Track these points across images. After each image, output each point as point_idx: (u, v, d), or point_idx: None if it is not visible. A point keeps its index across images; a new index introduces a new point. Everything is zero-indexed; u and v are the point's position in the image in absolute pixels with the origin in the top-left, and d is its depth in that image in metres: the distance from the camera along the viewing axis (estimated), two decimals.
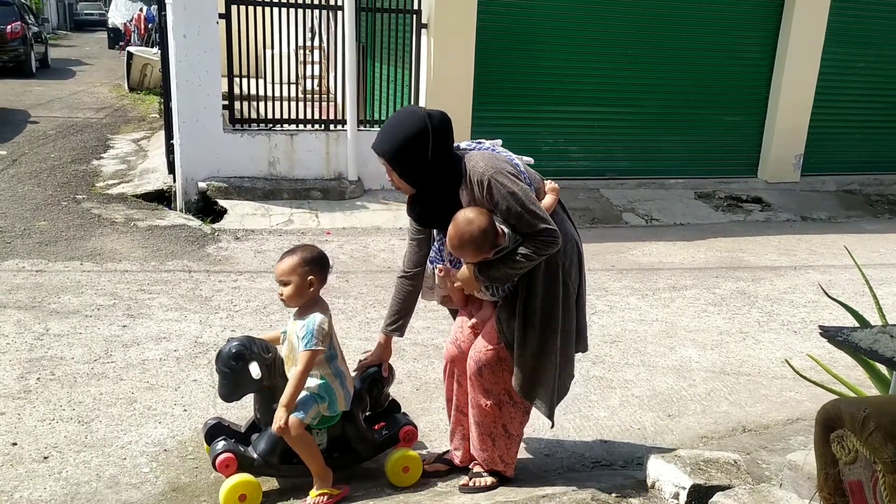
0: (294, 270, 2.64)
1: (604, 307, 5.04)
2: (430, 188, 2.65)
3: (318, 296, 2.73)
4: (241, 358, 2.63)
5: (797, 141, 8.86)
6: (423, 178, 2.62)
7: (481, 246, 2.54)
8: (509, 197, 2.52)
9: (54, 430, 3.18)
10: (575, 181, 8.11)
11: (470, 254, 2.58)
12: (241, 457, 2.72)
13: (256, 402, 2.78)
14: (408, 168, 2.60)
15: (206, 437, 2.83)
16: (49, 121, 10.81)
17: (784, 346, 4.54)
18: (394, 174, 2.63)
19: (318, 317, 2.65)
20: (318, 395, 2.71)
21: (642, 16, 8.03)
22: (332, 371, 2.73)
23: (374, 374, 2.95)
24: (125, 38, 23.07)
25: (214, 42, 6.73)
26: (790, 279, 5.87)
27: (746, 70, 8.62)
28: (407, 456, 2.92)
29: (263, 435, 2.76)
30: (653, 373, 4.10)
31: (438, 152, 2.58)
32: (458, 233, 2.53)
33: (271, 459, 2.74)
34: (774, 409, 3.77)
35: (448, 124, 2.63)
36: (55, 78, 16.57)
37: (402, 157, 2.58)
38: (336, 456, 2.84)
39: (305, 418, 2.67)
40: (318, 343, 2.63)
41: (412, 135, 2.54)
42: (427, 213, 2.73)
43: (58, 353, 3.88)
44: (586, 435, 3.44)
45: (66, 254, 5.40)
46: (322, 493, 2.71)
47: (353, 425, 2.86)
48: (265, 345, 2.72)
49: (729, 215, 7.90)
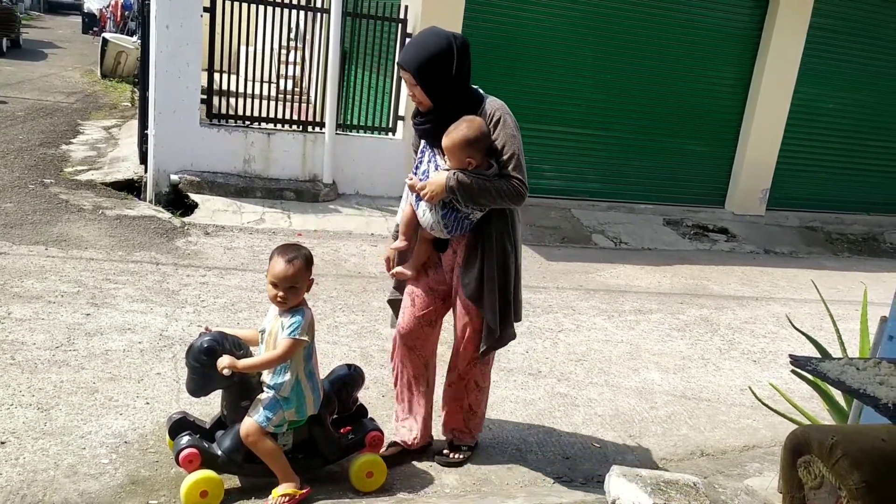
0: (302, 276, 2.64)
1: (571, 325, 5.09)
2: (446, 105, 2.82)
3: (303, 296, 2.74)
4: (211, 353, 2.60)
5: (764, 175, 9.08)
6: (443, 94, 2.80)
7: (476, 150, 2.76)
8: (510, 137, 2.82)
9: (13, 415, 3.11)
10: (547, 199, 8.20)
11: (463, 154, 2.76)
12: (205, 453, 2.68)
13: (224, 398, 2.75)
14: (431, 82, 2.78)
15: (169, 431, 2.79)
16: (18, 102, 10.59)
17: (743, 375, 4.64)
18: (416, 88, 2.80)
19: (307, 311, 2.67)
20: (286, 400, 2.68)
21: (624, 42, 8.18)
22: (305, 371, 2.71)
23: (343, 378, 2.95)
24: (100, 23, 22.76)
25: (197, 35, 6.68)
26: (752, 309, 6.00)
27: (720, 103, 8.83)
28: (372, 461, 2.92)
29: (229, 432, 2.73)
30: (616, 393, 4.15)
31: (460, 71, 2.81)
32: (461, 131, 2.75)
33: (235, 457, 2.71)
34: (732, 436, 3.85)
35: (469, 49, 2.86)
36: (26, 59, 16.22)
37: (428, 71, 2.76)
38: (301, 458, 2.82)
39: (267, 425, 2.64)
40: (303, 334, 2.62)
41: (439, 51, 2.76)
42: (433, 127, 2.87)
43: (19, 337, 3.80)
44: (549, 451, 3.47)
45: (30, 238, 5.29)
46: (285, 494, 2.69)
47: (320, 428, 2.84)
48: (237, 341, 2.69)
49: (695, 243, 8.05)
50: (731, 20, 8.58)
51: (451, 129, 2.76)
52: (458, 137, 2.75)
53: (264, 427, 2.64)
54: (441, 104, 2.82)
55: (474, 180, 2.77)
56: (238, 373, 2.62)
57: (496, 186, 2.78)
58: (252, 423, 2.64)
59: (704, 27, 8.45)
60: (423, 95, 2.81)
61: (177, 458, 2.66)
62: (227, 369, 2.56)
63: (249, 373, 2.66)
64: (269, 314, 2.75)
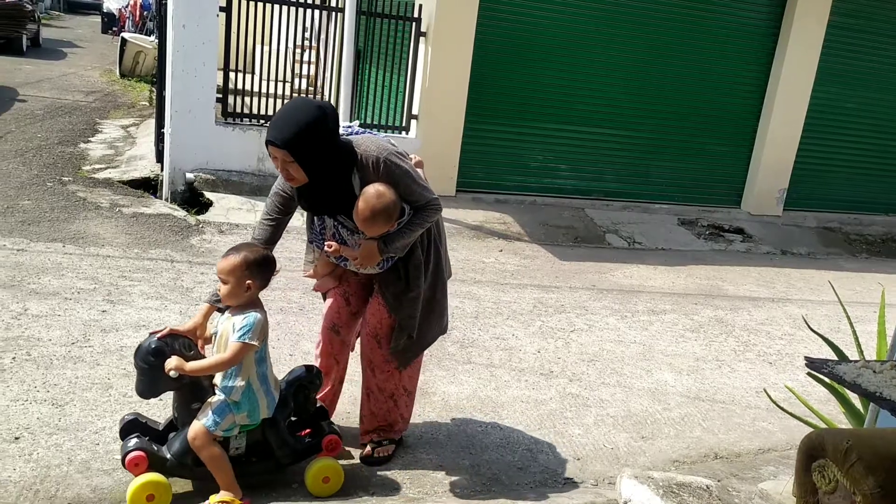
0: (233, 272, 2.56)
1: (583, 325, 5.07)
2: (325, 175, 2.69)
3: (257, 297, 2.66)
4: (160, 354, 2.53)
5: (782, 175, 9.00)
6: (321, 166, 2.65)
7: (391, 217, 2.71)
8: (404, 175, 2.73)
9: (27, 410, 3.14)
10: (561, 199, 8.18)
11: (380, 226, 2.71)
12: (153, 456, 2.60)
13: (175, 400, 2.66)
14: (307, 157, 2.60)
15: (120, 433, 2.70)
16: (37, 100, 10.69)
17: (759, 377, 4.60)
18: (292, 165, 2.61)
19: (260, 314, 2.61)
20: (236, 404, 2.61)
21: (640, 41, 8.13)
22: (258, 375, 2.65)
23: (301, 379, 2.84)
24: (119, 23, 22.94)
25: (213, 34, 6.71)
26: (768, 311, 5.95)
27: (737, 102, 8.75)
28: (328, 466, 2.84)
29: (179, 435, 2.64)
30: (628, 394, 4.13)
31: (334, 139, 2.66)
32: (370, 207, 2.65)
33: (185, 460, 2.62)
34: (747, 438, 3.82)
35: (337, 112, 2.75)
36: (46, 58, 16.38)
37: (302, 146, 2.58)
38: (254, 461, 2.75)
39: (215, 429, 2.58)
40: (253, 338, 2.55)
41: (311, 122, 2.58)
42: (321, 201, 2.79)
43: (35, 333, 3.83)
44: (560, 451, 3.45)
45: (48, 235, 5.34)
46: (223, 501, 2.59)
47: (275, 431, 2.75)
48: (188, 342, 2.63)
49: (711, 244, 7.99)
50: (748, 18, 8.51)
51: (359, 211, 2.66)
52: (369, 217, 2.66)
53: (212, 431, 2.57)
54: (317, 176, 2.67)
55: (401, 235, 2.77)
56: (187, 375, 2.55)
57: (419, 222, 2.79)
58: (200, 426, 2.57)
59: (721, 25, 8.38)
60: (299, 171, 2.63)
61: (123, 461, 2.59)
62: (174, 371, 2.50)
63: (200, 375, 2.60)
64: (217, 316, 2.69)
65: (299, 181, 2.67)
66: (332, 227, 2.84)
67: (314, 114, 2.59)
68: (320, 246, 2.87)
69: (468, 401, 3.79)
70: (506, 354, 4.42)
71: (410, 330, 2.96)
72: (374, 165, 2.69)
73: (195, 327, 2.68)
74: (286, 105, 2.70)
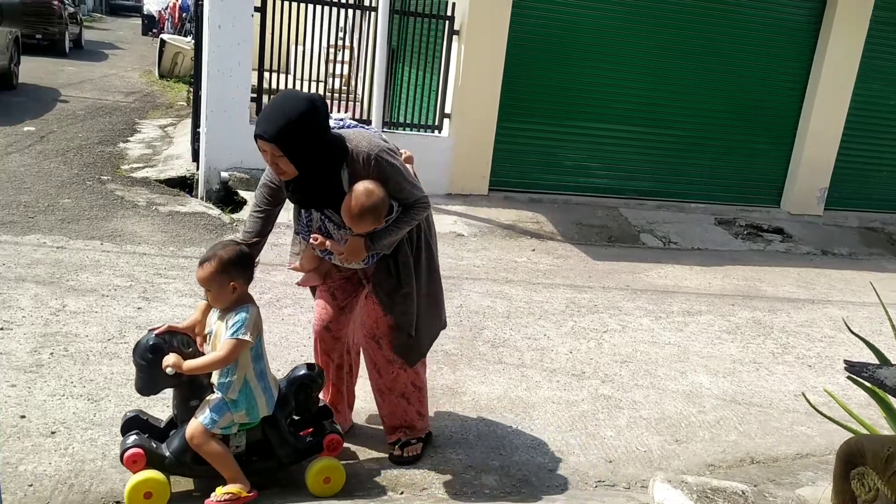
0: (213, 279, 2.54)
1: (616, 326, 5.01)
2: (314, 169, 2.64)
3: (246, 293, 2.64)
4: (158, 351, 2.52)
5: (823, 174, 8.80)
6: (310, 160, 2.60)
7: (380, 215, 2.68)
8: (395, 173, 2.70)
9: (63, 405, 3.20)
10: (594, 198, 8.10)
11: (369, 223, 2.67)
12: (151, 453, 2.59)
13: (174, 397, 2.66)
14: (297, 151, 2.55)
15: (122, 429, 2.69)
16: (79, 101, 10.91)
17: (798, 380, 4.50)
18: (281, 159, 2.56)
19: (251, 309, 2.58)
20: (234, 402, 2.60)
21: (677, 37, 8.01)
22: (255, 372, 2.63)
23: (302, 378, 2.81)
24: (159, 25, 23.34)
25: (248, 34, 6.78)
26: (807, 312, 5.82)
27: (776, 99, 8.58)
28: (329, 466, 2.79)
29: (178, 432, 2.63)
30: (662, 396, 4.06)
31: (324, 132, 2.61)
32: (360, 204, 2.61)
33: (183, 458, 2.60)
34: (784, 443, 3.73)
35: (327, 105, 2.68)
36: (88, 60, 16.73)
37: (292, 139, 2.53)
38: (255, 460, 2.72)
39: (213, 427, 2.56)
40: (246, 334, 2.53)
41: (300, 115, 2.52)
42: (310, 195, 2.74)
43: (72, 329, 3.90)
44: (591, 453, 3.41)
45: (87, 232, 5.44)
46: (229, 492, 2.58)
47: (275, 430, 2.73)
48: (186, 339, 2.61)
49: (748, 244, 7.84)
50: (788, 13, 8.33)
51: (348, 208, 2.63)
52: (358, 214, 2.62)
53: (209, 429, 2.56)
54: (309, 169, 2.62)
55: (388, 233, 2.74)
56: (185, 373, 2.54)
57: (407, 220, 2.76)
58: (197, 424, 2.56)
59: (760, 20, 8.22)
60: (288, 165, 2.58)
61: (121, 457, 2.58)
62: (170, 368, 2.49)
63: (198, 373, 2.57)
64: (214, 314, 2.66)
65: (289, 175, 2.63)
66: (319, 220, 2.81)
67: (304, 107, 2.53)
68: (306, 238, 2.84)
69: (499, 401, 3.77)
70: (537, 354, 4.38)
71: (408, 328, 2.91)
72: (364, 161, 2.65)
73: (194, 324, 2.67)
74: (275, 98, 2.65)
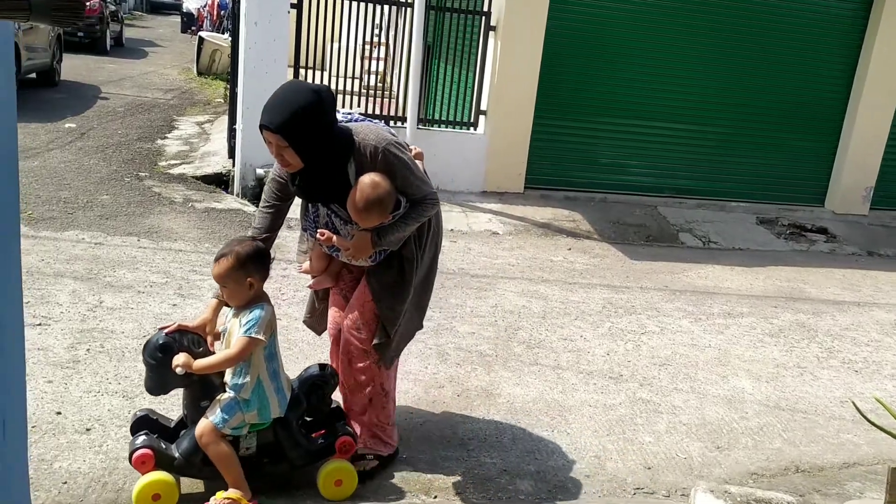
0: (229, 274, 2.49)
1: (655, 328, 4.90)
2: (320, 162, 2.58)
3: (262, 291, 2.60)
4: (167, 350, 2.48)
5: (869, 173, 8.54)
6: (316, 152, 2.54)
7: (386, 209, 2.60)
8: (403, 167, 2.63)
9: (99, 402, 3.21)
10: (632, 196, 7.96)
11: (375, 217, 2.60)
12: (160, 454, 2.54)
13: (185, 397, 2.62)
14: (302, 142, 2.50)
15: (131, 429, 2.65)
16: (119, 98, 11.07)
17: (843, 385, 4.35)
18: (287, 150, 2.51)
19: (266, 307, 2.54)
20: (246, 402, 2.54)
21: (719, 32, 7.84)
22: (268, 373, 2.58)
23: (314, 378, 2.75)
24: (198, 22, 23.61)
25: (284, 31, 6.78)
26: (853, 315, 5.63)
27: (821, 95, 8.34)
28: (341, 468, 2.73)
29: (188, 433, 2.58)
30: (703, 401, 3.95)
31: (330, 124, 2.56)
32: (365, 197, 2.54)
33: (193, 459, 2.55)
34: (830, 451, 3.60)
35: (334, 96, 2.63)
36: (128, 57, 16.99)
37: (297, 130, 2.47)
38: (266, 462, 2.67)
39: (223, 427, 2.51)
40: (259, 332, 2.47)
41: (306, 106, 2.47)
42: (315, 188, 2.68)
43: (109, 325, 3.93)
44: (629, 459, 3.32)
45: (124, 229, 5.49)
46: (229, 497, 2.52)
47: (287, 431, 2.66)
48: (197, 338, 2.57)
49: (791, 244, 7.64)
50: (834, 8, 8.09)
51: (353, 201, 2.56)
52: (363, 208, 2.55)
53: (220, 428, 2.51)
54: (312, 162, 2.56)
55: (395, 228, 2.67)
56: (195, 372, 2.50)
57: (414, 216, 2.69)
58: (208, 423, 2.51)
59: (805, 14, 7.99)
60: (294, 157, 2.53)
61: (130, 458, 2.54)
62: (180, 368, 2.45)
63: (209, 372, 2.53)
64: (228, 312, 2.61)
65: (294, 167, 2.58)
66: (326, 215, 2.75)
67: (309, 97, 2.48)
68: (314, 234, 2.79)
69: (534, 403, 3.70)
70: (573, 356, 4.30)
71: (389, 325, 2.81)
72: (371, 154, 2.59)
73: (204, 323, 2.62)
74: (280, 88, 2.59)
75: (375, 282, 2.81)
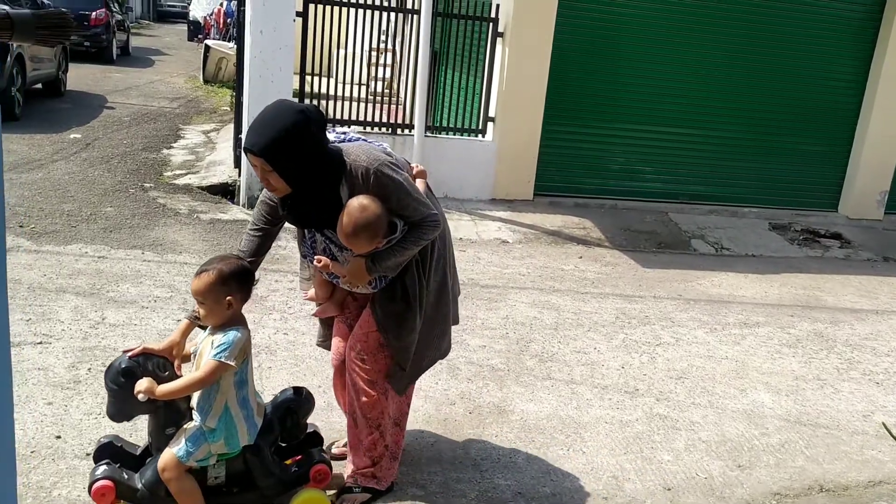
0: (209, 290, 2.35)
1: (669, 339, 4.79)
2: (309, 186, 2.44)
3: (240, 314, 2.46)
4: (130, 375, 2.35)
5: (883, 177, 8.42)
6: (303, 176, 2.41)
7: (376, 233, 2.44)
8: (397, 188, 2.48)
9: (100, 425, 3.11)
10: (643, 203, 7.86)
11: (364, 242, 2.45)
12: (121, 485, 2.40)
13: (150, 424, 2.48)
14: (288, 165, 2.37)
15: (94, 457, 2.51)
16: (125, 107, 11.03)
17: (865, 398, 4.22)
18: (272, 175, 2.38)
19: (241, 331, 2.40)
20: (212, 431, 2.40)
21: (729, 35, 7.74)
22: (237, 400, 2.44)
23: (289, 402, 2.61)
24: (204, 31, 23.66)
25: (289, 39, 6.70)
26: (872, 324, 5.51)
27: (834, 99, 8.23)
28: (313, 498, 2.58)
29: (153, 462, 2.44)
30: (721, 416, 3.84)
31: (318, 146, 2.41)
32: (353, 221, 2.40)
33: (157, 491, 2.40)
34: (855, 469, 3.48)
35: (323, 116, 2.47)
36: (134, 66, 16.98)
37: (282, 153, 2.34)
38: (236, 492, 2.53)
39: (188, 460, 2.37)
40: (230, 358, 2.33)
41: (291, 128, 2.34)
42: (306, 214, 2.55)
43: (111, 343, 3.84)
44: (648, 479, 3.21)
45: (128, 242, 5.41)
46: None
47: (258, 459, 2.52)
48: (162, 362, 2.43)
49: (805, 250, 7.51)
50: (845, 11, 7.98)
51: (342, 226, 2.42)
52: (352, 232, 2.41)
53: (184, 461, 2.37)
54: (301, 187, 2.43)
55: (392, 253, 2.51)
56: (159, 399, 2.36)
57: (413, 240, 2.53)
58: (171, 457, 2.37)
59: (817, 18, 7.89)
60: (279, 181, 2.40)
61: (89, 490, 2.39)
62: (142, 395, 2.31)
63: (174, 397, 2.39)
64: (199, 333, 2.49)
65: (281, 192, 2.46)
66: (322, 241, 2.62)
67: (295, 118, 2.35)
68: (313, 260, 2.65)
69: (548, 420, 3.59)
70: (587, 370, 4.19)
71: (400, 359, 2.70)
72: (363, 176, 2.44)
73: (171, 346, 2.48)
74: (266, 108, 2.44)
75: (380, 310, 2.67)
